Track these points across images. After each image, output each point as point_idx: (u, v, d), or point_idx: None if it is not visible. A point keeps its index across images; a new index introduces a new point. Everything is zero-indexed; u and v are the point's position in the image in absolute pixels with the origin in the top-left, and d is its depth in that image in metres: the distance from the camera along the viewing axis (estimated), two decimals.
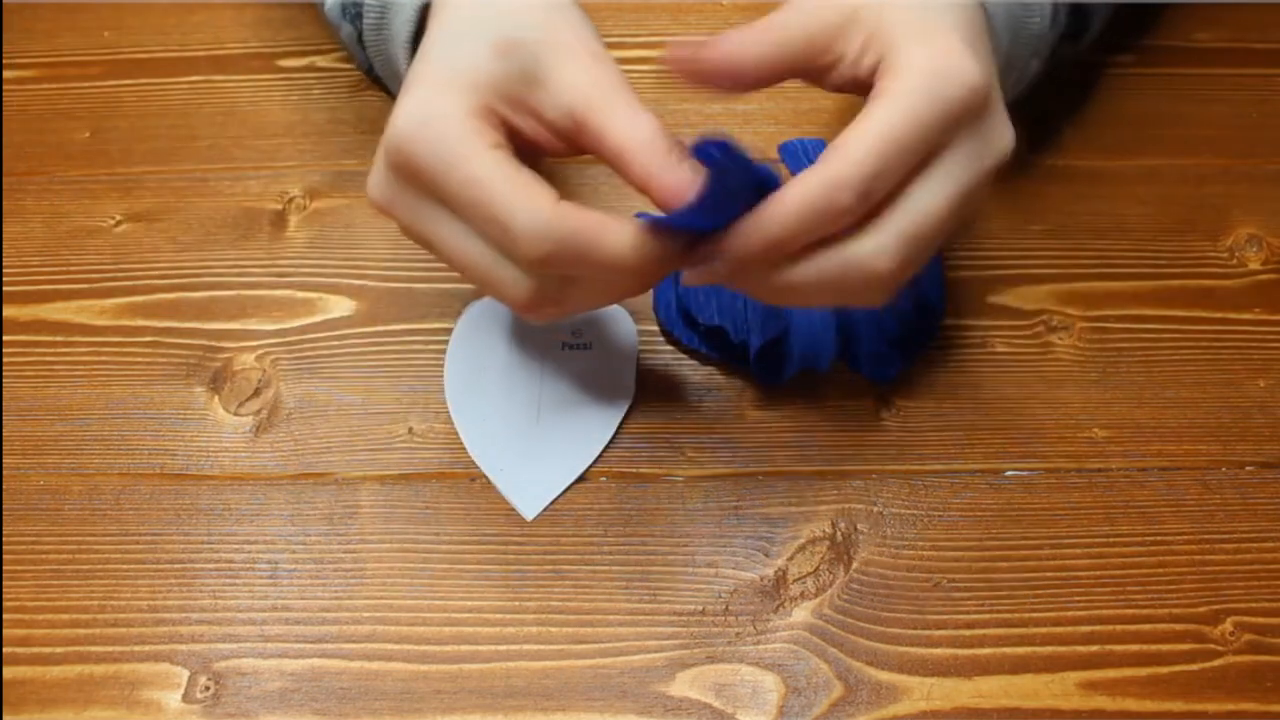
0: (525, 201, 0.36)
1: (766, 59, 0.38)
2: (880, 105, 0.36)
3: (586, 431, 0.45)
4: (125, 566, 0.43)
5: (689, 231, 0.37)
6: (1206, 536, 0.43)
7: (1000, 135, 0.38)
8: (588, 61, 0.38)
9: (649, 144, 0.37)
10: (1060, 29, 0.46)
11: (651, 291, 0.47)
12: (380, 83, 0.48)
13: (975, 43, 0.38)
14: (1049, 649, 0.41)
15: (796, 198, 0.36)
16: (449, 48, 0.39)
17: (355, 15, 0.45)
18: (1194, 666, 0.40)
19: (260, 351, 0.47)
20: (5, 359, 0.47)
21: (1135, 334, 0.47)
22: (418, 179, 0.38)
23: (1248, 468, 0.44)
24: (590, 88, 0.38)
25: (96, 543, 0.43)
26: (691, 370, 0.47)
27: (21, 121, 0.54)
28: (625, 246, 0.36)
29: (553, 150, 0.40)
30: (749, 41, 0.38)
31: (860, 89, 0.39)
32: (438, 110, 0.37)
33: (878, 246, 0.37)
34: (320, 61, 0.55)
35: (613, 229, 0.37)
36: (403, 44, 0.44)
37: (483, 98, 0.38)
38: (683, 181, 0.37)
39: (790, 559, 0.43)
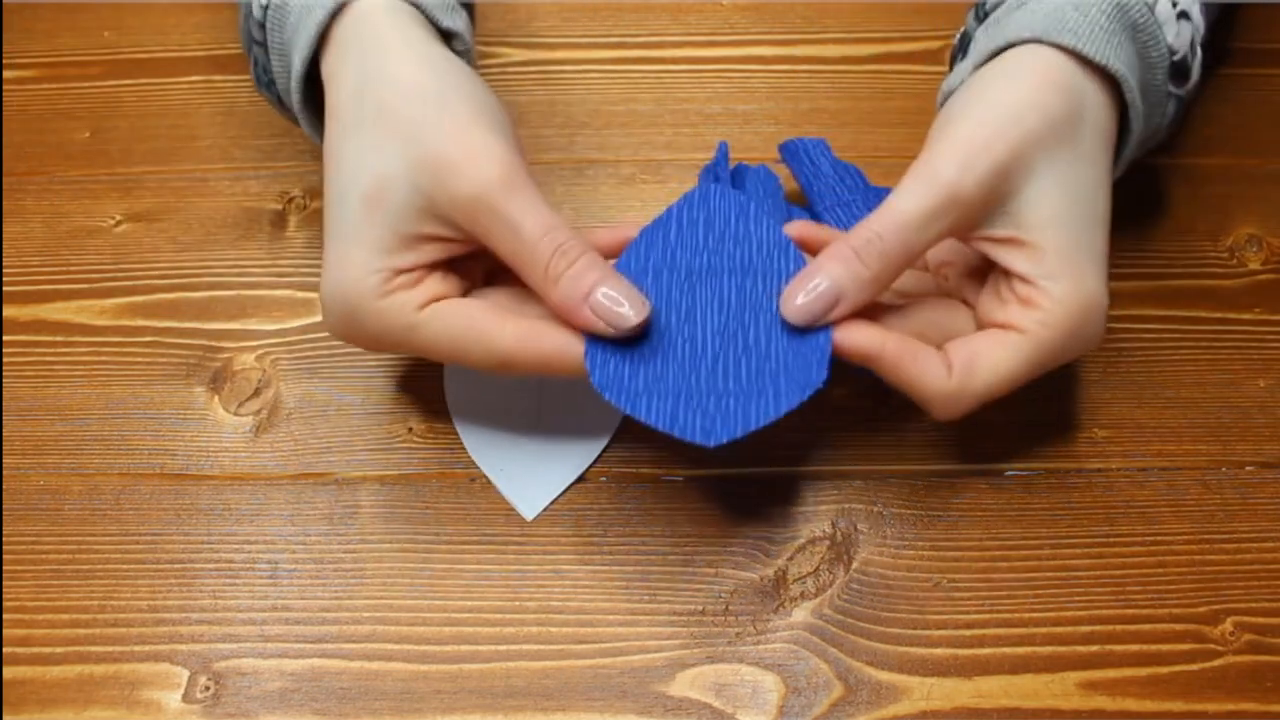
0: (475, 347, 0.38)
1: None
2: (1015, 348, 0.38)
3: (586, 431, 0.45)
4: (125, 566, 0.43)
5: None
6: (1206, 536, 0.43)
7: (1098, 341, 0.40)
8: (477, 157, 0.37)
9: (545, 252, 0.37)
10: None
11: None
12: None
13: (1106, 247, 0.40)
14: (1049, 649, 0.41)
15: (925, 387, 0.38)
16: (346, 190, 0.38)
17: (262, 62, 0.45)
18: (1194, 666, 0.40)
19: (260, 351, 0.47)
20: (5, 359, 0.47)
21: (1135, 334, 0.47)
22: (371, 348, 0.41)
23: (1248, 468, 0.44)
24: (481, 187, 0.37)
25: (96, 543, 0.43)
26: None
27: (21, 121, 0.54)
28: (578, 358, 0.38)
29: (473, 251, 0.39)
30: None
31: (990, 262, 0.40)
32: (360, 290, 0.38)
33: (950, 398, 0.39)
34: None
35: (567, 345, 0.38)
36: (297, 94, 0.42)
37: (393, 246, 0.38)
38: (580, 293, 0.37)
39: (790, 559, 0.43)
